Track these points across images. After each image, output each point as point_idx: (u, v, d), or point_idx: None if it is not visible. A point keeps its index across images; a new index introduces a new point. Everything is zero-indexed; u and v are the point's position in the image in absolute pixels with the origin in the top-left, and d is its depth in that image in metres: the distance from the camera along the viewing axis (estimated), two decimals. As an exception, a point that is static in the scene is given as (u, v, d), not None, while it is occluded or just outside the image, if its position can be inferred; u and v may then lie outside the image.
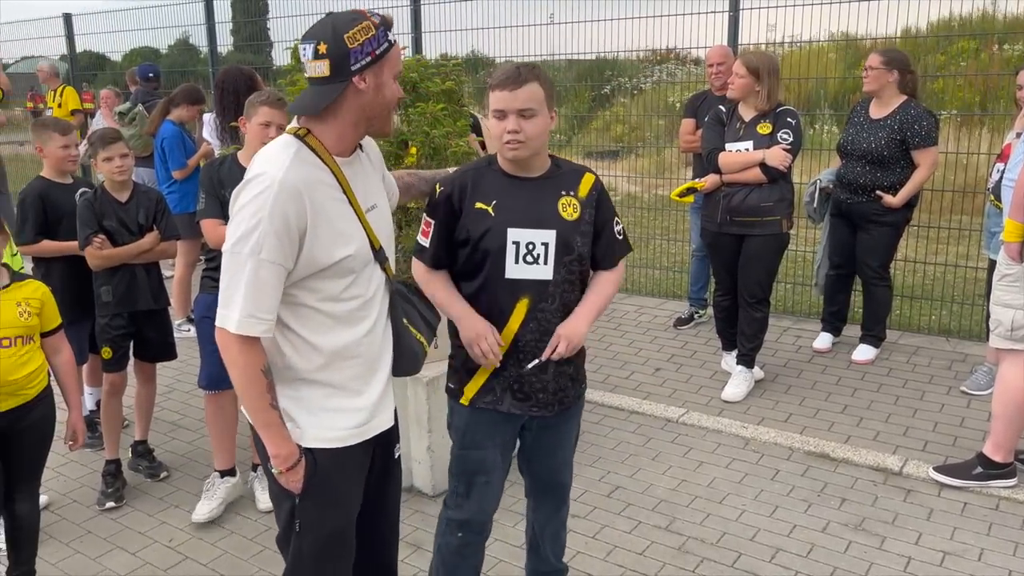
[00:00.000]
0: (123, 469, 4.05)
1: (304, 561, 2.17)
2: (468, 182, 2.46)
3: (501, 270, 2.41)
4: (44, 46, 10.83)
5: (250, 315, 1.92)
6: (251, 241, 1.89)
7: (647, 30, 6.62)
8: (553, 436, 2.64)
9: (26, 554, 3.09)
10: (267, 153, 2.01)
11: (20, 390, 2.88)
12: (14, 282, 2.90)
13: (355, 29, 1.93)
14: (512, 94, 2.29)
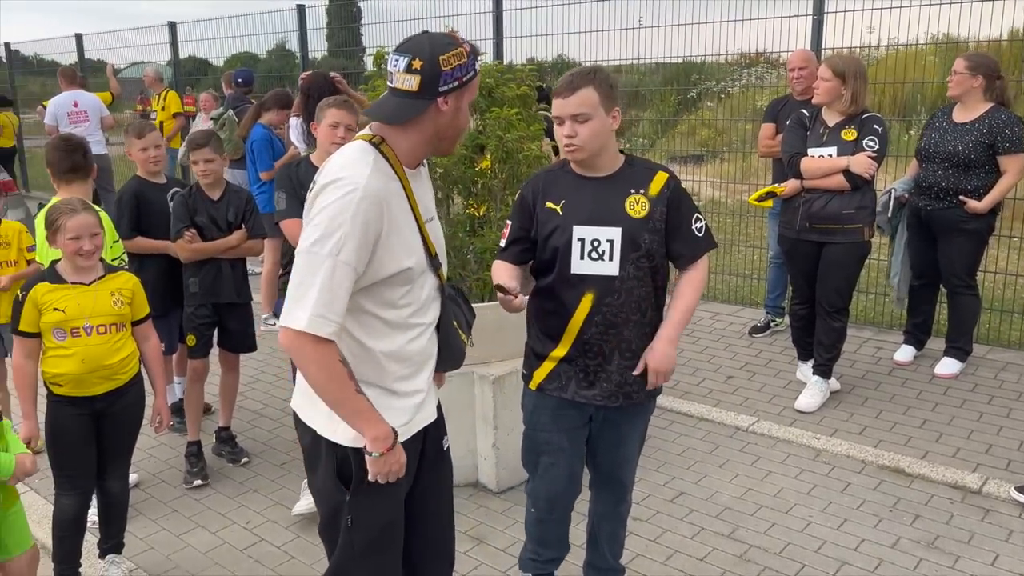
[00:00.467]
0: (204, 452, 4.29)
1: (355, 554, 2.23)
2: (541, 184, 2.62)
3: (568, 266, 2.54)
4: (152, 52, 11.45)
5: (321, 315, 1.93)
6: (331, 242, 1.93)
7: (733, 33, 6.57)
8: (617, 431, 2.71)
9: (116, 528, 3.31)
10: (346, 158, 2.05)
11: (114, 375, 3.10)
12: (108, 273, 3.12)
13: (450, 53, 2.00)
14: (565, 100, 2.43)
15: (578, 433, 2.72)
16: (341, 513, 2.18)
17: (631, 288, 2.54)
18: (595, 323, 2.54)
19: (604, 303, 2.53)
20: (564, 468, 2.73)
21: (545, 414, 2.70)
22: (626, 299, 2.54)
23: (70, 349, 2.99)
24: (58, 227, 2.99)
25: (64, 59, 12.45)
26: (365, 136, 2.10)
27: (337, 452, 2.15)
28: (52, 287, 2.99)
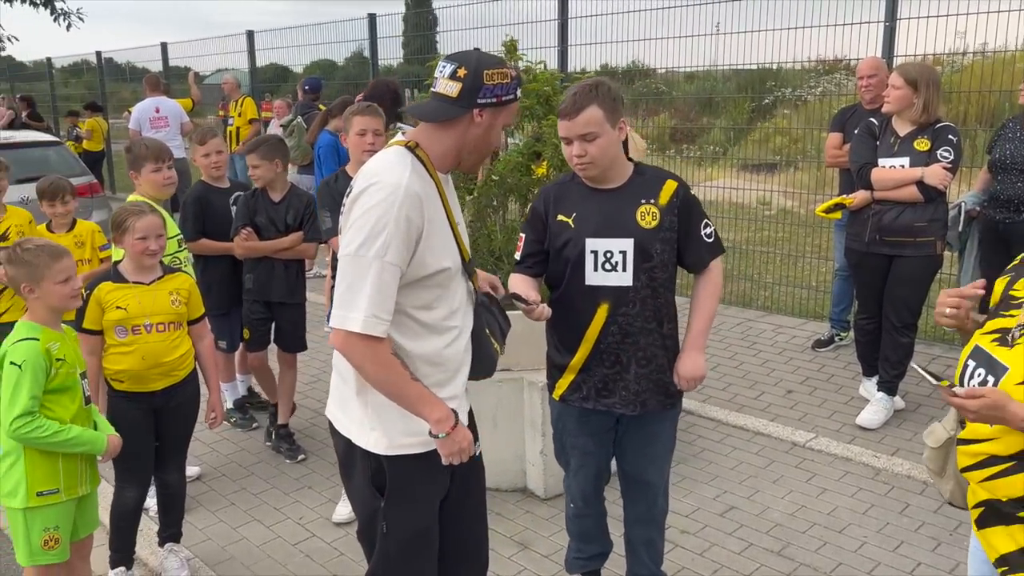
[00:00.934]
0: (262, 451, 4.43)
1: (391, 560, 2.28)
2: (552, 196, 2.66)
3: (581, 278, 2.57)
4: (233, 59, 11.86)
5: (374, 315, 1.98)
6: (377, 243, 1.98)
7: (810, 40, 6.44)
8: (641, 433, 2.73)
9: (174, 517, 3.45)
10: (384, 161, 2.11)
11: (172, 371, 3.23)
12: (166, 274, 3.26)
13: (495, 71, 2.08)
14: (572, 122, 2.45)
15: (605, 436, 2.77)
16: (377, 519, 2.24)
17: (645, 297, 2.57)
18: (611, 332, 2.58)
19: (619, 313, 2.56)
20: (593, 467, 2.82)
21: (571, 420, 2.77)
22: (640, 308, 2.57)
23: (131, 346, 3.12)
24: (126, 227, 3.13)
25: (153, 66, 13.00)
26: (400, 141, 2.16)
27: (371, 461, 2.20)
28: (115, 286, 3.14)
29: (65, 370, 2.72)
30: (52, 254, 2.69)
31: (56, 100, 16.98)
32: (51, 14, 17.05)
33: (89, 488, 2.86)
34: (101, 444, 2.79)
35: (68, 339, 2.81)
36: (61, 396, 2.71)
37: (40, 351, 2.65)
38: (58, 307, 2.74)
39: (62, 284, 2.69)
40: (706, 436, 4.55)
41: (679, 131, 11.54)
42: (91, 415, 2.85)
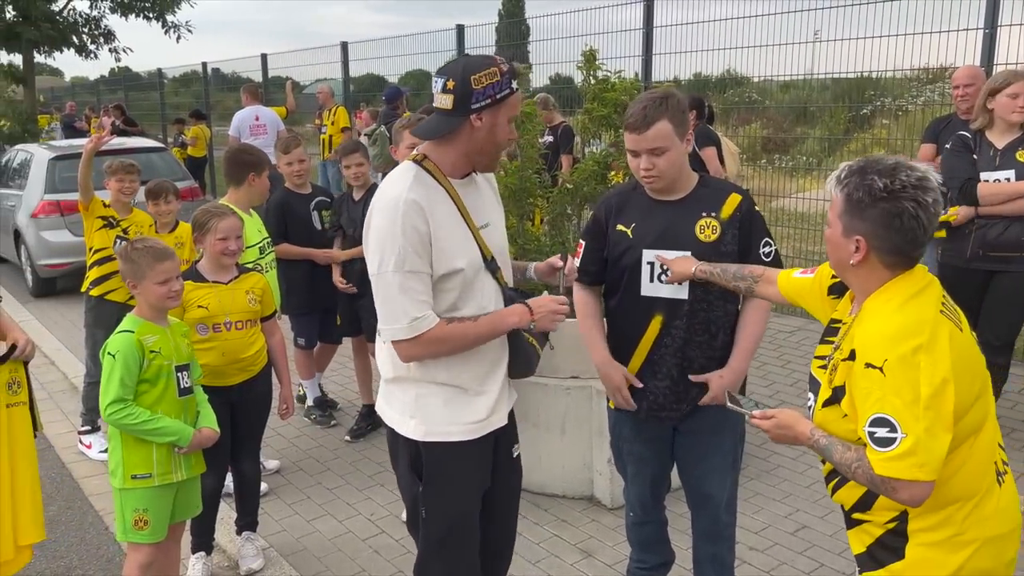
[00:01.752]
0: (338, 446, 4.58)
1: (432, 546, 2.39)
2: (613, 205, 2.66)
3: (637, 288, 2.57)
4: (330, 70, 12.27)
5: (415, 318, 2.15)
6: (393, 259, 2.14)
7: (910, 48, 6.22)
8: (699, 444, 2.69)
9: (250, 506, 3.60)
10: (389, 179, 2.28)
11: (248, 366, 3.39)
12: (241, 274, 3.41)
13: (482, 73, 2.14)
14: (641, 136, 2.42)
15: (661, 444, 2.74)
16: (418, 505, 2.37)
17: (698, 311, 2.53)
18: (664, 344, 2.57)
19: (672, 325, 2.55)
20: (649, 475, 2.80)
21: (626, 427, 2.77)
22: (691, 321, 2.54)
23: (212, 343, 3.28)
24: (209, 228, 3.29)
25: (254, 76, 13.56)
26: (410, 156, 2.30)
27: (411, 447, 2.33)
28: (195, 285, 3.29)
29: (158, 362, 2.85)
30: (156, 256, 2.84)
31: (165, 108, 17.90)
32: (162, 27, 18.01)
33: (186, 475, 2.96)
34: (186, 437, 2.88)
35: (171, 333, 2.94)
36: (153, 387, 2.84)
37: (134, 343, 2.80)
38: (155, 305, 2.88)
39: (160, 285, 2.84)
40: (781, 452, 4.44)
41: (772, 141, 11.29)
42: (188, 406, 2.96)
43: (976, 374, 1.81)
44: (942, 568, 1.80)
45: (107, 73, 27.50)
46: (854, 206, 1.78)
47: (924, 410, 1.67)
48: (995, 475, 1.85)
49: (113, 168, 4.73)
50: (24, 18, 16.72)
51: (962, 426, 1.76)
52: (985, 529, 1.82)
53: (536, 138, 4.35)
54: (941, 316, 1.77)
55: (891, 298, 1.79)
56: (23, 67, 18.62)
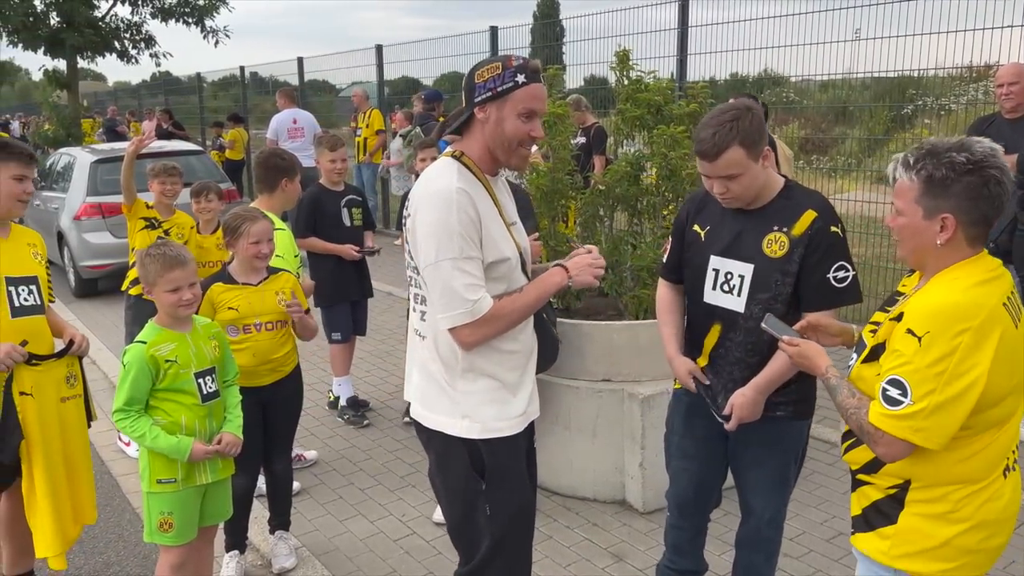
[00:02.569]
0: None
1: (499, 542, 2.37)
2: (696, 205, 2.64)
3: (700, 293, 2.54)
4: (365, 73, 12.34)
5: (474, 302, 2.18)
6: (449, 248, 2.17)
7: (952, 45, 6.09)
8: (748, 454, 2.63)
9: (282, 506, 3.62)
10: (432, 173, 2.30)
11: (279, 367, 3.41)
12: (271, 275, 3.42)
13: (485, 68, 2.24)
14: (712, 164, 2.35)
15: (711, 444, 2.66)
16: (478, 506, 2.35)
17: (752, 328, 2.44)
18: (720, 355, 2.55)
19: (727, 337, 2.51)
20: (692, 476, 2.73)
21: (678, 418, 2.74)
22: (745, 338, 2.47)
23: (242, 344, 3.30)
24: (241, 231, 3.30)
25: (291, 80, 13.72)
26: (447, 153, 2.34)
27: (468, 446, 2.32)
28: (226, 287, 3.32)
29: (175, 371, 2.79)
30: (166, 263, 2.77)
31: (204, 112, 18.19)
32: (201, 32, 18.31)
33: (211, 477, 2.91)
34: (183, 451, 2.79)
35: (194, 338, 2.87)
36: (172, 395, 2.80)
37: (144, 355, 2.75)
38: (169, 313, 2.83)
39: (171, 293, 2.78)
40: (817, 458, 4.37)
41: (810, 141, 11.14)
42: (214, 411, 2.90)
43: (1016, 370, 1.83)
44: (929, 539, 1.87)
45: (148, 78, 28.02)
46: (937, 185, 1.81)
47: (945, 386, 1.75)
48: (1004, 468, 1.90)
49: (156, 170, 4.82)
50: (68, 24, 17.11)
51: (990, 415, 1.81)
52: (980, 513, 1.86)
53: (568, 139, 4.33)
54: (1001, 309, 1.80)
55: (960, 278, 1.83)
56: (67, 72, 19.05)
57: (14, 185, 2.95)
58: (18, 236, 3.08)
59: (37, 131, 21.41)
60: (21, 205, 3.02)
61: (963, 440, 1.82)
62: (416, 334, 2.40)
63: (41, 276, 3.09)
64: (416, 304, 2.38)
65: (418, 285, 2.33)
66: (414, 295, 2.38)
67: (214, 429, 2.91)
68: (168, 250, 2.83)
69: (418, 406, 2.41)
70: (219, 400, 2.94)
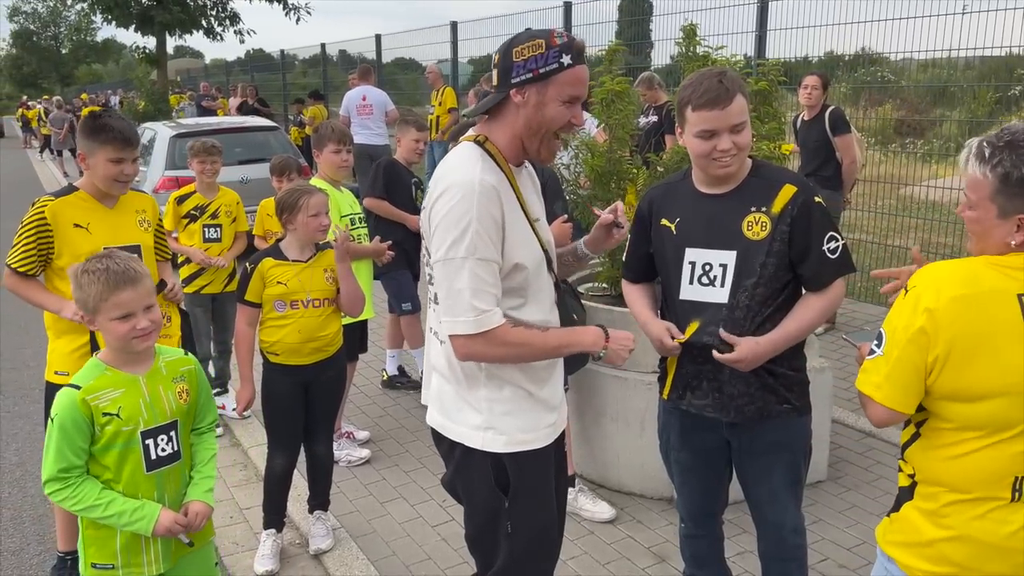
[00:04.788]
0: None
1: (517, 560, 2.20)
2: (657, 197, 2.45)
3: (676, 290, 2.36)
4: (441, 50, 12.28)
5: (481, 311, 1.95)
6: (465, 243, 1.93)
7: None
8: (755, 466, 2.47)
9: (322, 487, 3.59)
10: (456, 159, 2.06)
11: (325, 347, 3.36)
12: (320, 251, 3.37)
13: (524, 45, 1.97)
14: (724, 112, 2.16)
15: (710, 454, 2.52)
16: (499, 522, 2.17)
17: (739, 319, 2.27)
18: (697, 349, 2.35)
19: (706, 332, 2.31)
20: (697, 484, 2.60)
21: (673, 432, 2.58)
22: (730, 330, 2.27)
23: (288, 319, 3.27)
24: (300, 206, 3.26)
25: (369, 56, 13.79)
26: (469, 137, 2.10)
27: (492, 459, 2.12)
28: (276, 262, 3.29)
29: (114, 428, 2.13)
30: (110, 282, 2.10)
31: (288, 89, 18.53)
32: (283, 8, 18.62)
33: (164, 567, 2.26)
34: (148, 524, 2.15)
35: (151, 381, 2.22)
36: (107, 458, 2.16)
37: (76, 403, 2.10)
38: (118, 348, 2.18)
39: (120, 321, 2.12)
40: (884, 463, 4.10)
41: (906, 124, 10.56)
42: (168, 479, 2.24)
43: (1012, 370, 1.63)
44: (917, 534, 1.80)
45: (243, 55, 28.77)
46: (1014, 185, 1.63)
47: (907, 343, 1.68)
48: (1011, 489, 1.69)
49: (195, 149, 4.88)
50: (157, 2, 17.66)
51: (970, 411, 1.67)
52: (969, 528, 1.72)
53: (629, 118, 4.12)
54: (1011, 299, 1.63)
55: (987, 258, 1.70)
56: (156, 49, 19.72)
57: (110, 167, 2.98)
58: (126, 204, 3.16)
59: (130, 107, 22.31)
60: (120, 185, 3.05)
61: (946, 433, 1.72)
62: (434, 335, 2.19)
63: (146, 243, 3.18)
64: (433, 301, 2.14)
65: (431, 279, 2.12)
66: (433, 292, 2.13)
67: (173, 505, 2.25)
68: (113, 264, 2.13)
69: (436, 414, 2.21)
70: (177, 465, 2.27)
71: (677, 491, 2.69)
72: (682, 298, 2.36)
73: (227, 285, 4.90)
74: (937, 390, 1.69)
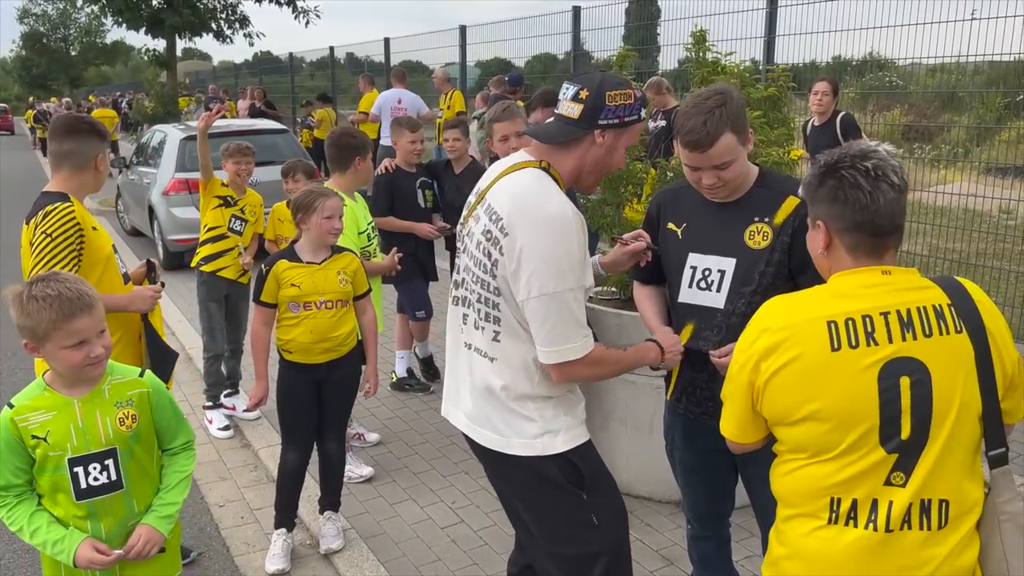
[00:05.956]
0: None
1: (616, 547, 2.26)
2: (667, 201, 2.50)
3: (676, 292, 2.42)
4: (449, 54, 12.32)
5: (585, 336, 2.10)
6: (569, 277, 2.05)
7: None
8: (756, 469, 2.45)
9: (333, 486, 3.62)
10: (534, 187, 2.12)
11: (337, 346, 3.40)
12: (334, 254, 3.41)
13: (618, 92, 2.09)
14: (706, 155, 2.19)
15: (714, 456, 2.52)
16: (584, 520, 2.21)
17: (735, 325, 2.28)
18: (694, 354, 2.40)
19: (701, 336, 2.35)
20: (701, 485, 2.64)
21: (677, 433, 2.62)
22: (727, 336, 2.29)
23: (300, 320, 3.32)
24: (315, 207, 3.30)
25: (379, 60, 13.82)
26: (532, 163, 2.16)
27: (557, 461, 2.19)
28: (290, 264, 3.33)
29: (43, 451, 2.04)
30: (64, 309, 1.98)
31: (296, 91, 18.59)
32: (292, 12, 18.70)
33: None
34: (67, 556, 2.06)
35: (86, 406, 2.09)
36: (41, 481, 2.10)
37: (6, 423, 2.03)
38: (69, 376, 2.08)
39: (73, 350, 2.01)
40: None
41: (914, 129, 10.55)
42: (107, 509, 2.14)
43: (819, 398, 1.62)
44: (770, 552, 1.83)
45: (251, 58, 28.88)
46: (809, 191, 1.74)
47: (736, 376, 1.76)
48: (828, 509, 1.66)
49: (230, 151, 4.90)
50: (168, 5, 17.76)
51: (795, 436, 1.68)
52: (800, 545, 1.72)
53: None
54: (815, 326, 1.63)
55: (821, 287, 1.74)
56: (166, 51, 19.80)
57: None
58: None
59: (138, 108, 22.42)
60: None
61: (784, 454, 1.75)
62: (476, 352, 2.23)
63: None
64: (482, 321, 2.19)
65: (487, 302, 2.16)
66: (485, 313, 2.18)
67: (113, 536, 2.15)
68: (64, 288, 2.00)
69: (487, 431, 2.23)
70: (118, 495, 2.15)
71: (681, 491, 2.72)
72: (680, 300, 2.41)
73: (241, 276, 4.96)
74: (764, 414, 1.74)
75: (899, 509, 1.61)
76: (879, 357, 1.59)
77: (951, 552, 1.62)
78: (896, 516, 1.61)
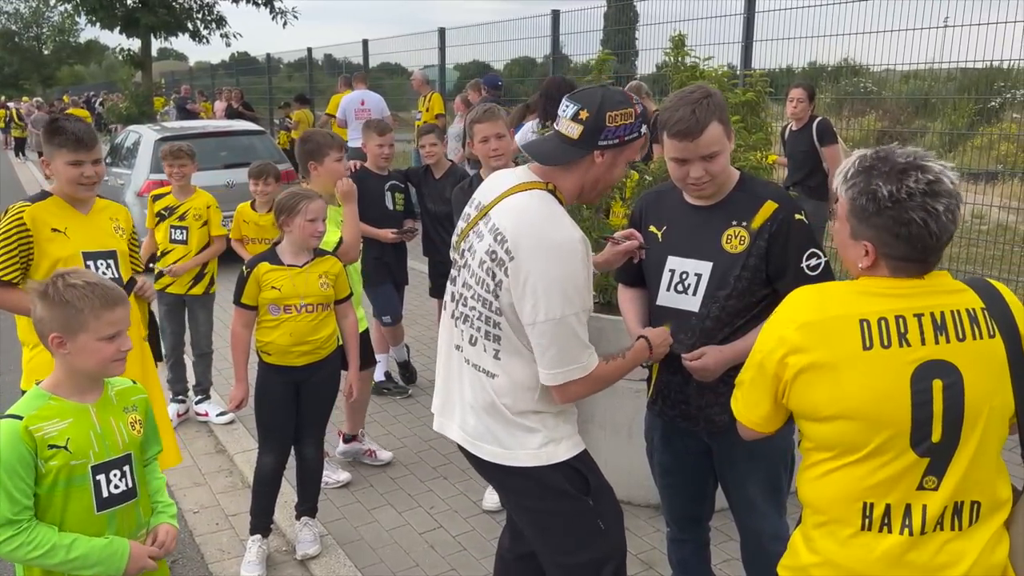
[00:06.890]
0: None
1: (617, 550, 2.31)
2: (651, 203, 2.52)
3: (655, 293, 2.43)
4: (429, 56, 12.29)
5: (590, 354, 2.13)
6: (575, 302, 2.06)
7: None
8: (733, 471, 2.51)
9: (310, 492, 3.58)
10: (540, 212, 2.11)
11: (316, 349, 3.37)
12: (316, 257, 3.38)
13: (618, 112, 2.08)
14: (694, 144, 2.19)
15: (692, 458, 2.56)
16: (592, 526, 2.24)
17: (709, 328, 2.31)
18: (671, 359, 2.40)
19: (676, 339, 2.35)
20: (678, 490, 2.65)
21: (656, 434, 2.63)
22: (699, 339, 2.31)
23: (280, 322, 3.29)
24: (298, 210, 3.26)
25: (357, 62, 13.76)
26: (539, 184, 2.16)
27: (562, 470, 2.21)
28: (272, 267, 3.30)
29: (61, 462, 1.91)
30: (105, 300, 1.96)
31: (274, 93, 18.46)
32: (270, 12, 18.57)
33: None
34: (119, 561, 1.97)
35: (101, 411, 2.02)
36: (55, 496, 1.94)
37: (20, 435, 1.88)
38: (92, 372, 2.00)
39: (107, 342, 1.96)
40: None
41: (887, 134, 10.68)
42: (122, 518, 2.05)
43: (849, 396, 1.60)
44: (795, 557, 1.79)
45: (228, 58, 28.65)
46: (859, 212, 1.64)
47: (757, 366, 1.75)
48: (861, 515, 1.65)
49: (164, 153, 4.90)
50: (143, 4, 17.56)
51: (817, 431, 1.67)
52: (832, 552, 1.69)
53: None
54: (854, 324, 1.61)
55: (845, 283, 1.72)
56: (141, 51, 19.59)
57: (70, 170, 2.95)
58: (100, 212, 3.13)
59: (111, 108, 22.17)
60: (83, 188, 3.00)
61: (810, 453, 1.73)
62: (476, 369, 2.22)
63: (121, 250, 3.13)
64: (483, 339, 2.19)
65: (488, 321, 2.16)
66: (485, 331, 2.18)
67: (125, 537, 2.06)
68: (99, 279, 2.01)
69: (490, 446, 2.23)
70: (132, 503, 2.07)
71: (660, 494, 2.72)
72: (658, 303, 2.42)
73: (192, 287, 4.92)
74: (791, 408, 1.72)
75: (933, 513, 1.61)
76: (913, 359, 1.58)
77: (984, 549, 1.63)
78: (931, 520, 1.62)
